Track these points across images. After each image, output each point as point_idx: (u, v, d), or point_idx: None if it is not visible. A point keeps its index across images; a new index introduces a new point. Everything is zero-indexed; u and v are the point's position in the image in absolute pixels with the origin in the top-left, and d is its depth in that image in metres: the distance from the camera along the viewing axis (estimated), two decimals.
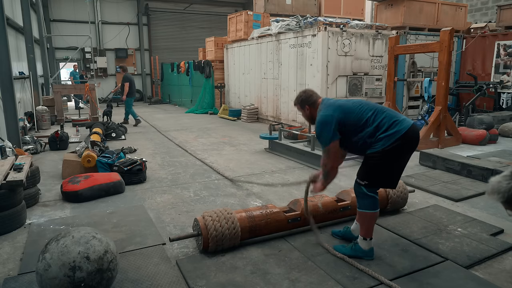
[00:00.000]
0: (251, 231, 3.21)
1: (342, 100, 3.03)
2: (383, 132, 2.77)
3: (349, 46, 8.57)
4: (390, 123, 2.78)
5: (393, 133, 2.75)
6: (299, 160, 6.35)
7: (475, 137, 7.50)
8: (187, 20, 21.33)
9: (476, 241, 3.27)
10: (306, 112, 3.12)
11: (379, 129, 2.78)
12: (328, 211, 3.58)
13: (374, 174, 2.87)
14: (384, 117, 2.80)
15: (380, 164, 2.82)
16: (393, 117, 2.82)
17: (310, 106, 3.06)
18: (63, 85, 14.91)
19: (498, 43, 9.86)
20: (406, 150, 2.86)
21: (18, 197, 3.69)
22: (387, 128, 2.77)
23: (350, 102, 2.97)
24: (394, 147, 2.75)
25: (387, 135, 2.75)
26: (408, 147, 2.85)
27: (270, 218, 3.30)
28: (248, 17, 11.76)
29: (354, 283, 2.66)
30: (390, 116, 2.82)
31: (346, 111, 2.86)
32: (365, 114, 2.83)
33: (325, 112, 2.89)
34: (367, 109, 2.85)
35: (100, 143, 6.24)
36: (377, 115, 2.82)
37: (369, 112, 2.84)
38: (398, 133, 2.74)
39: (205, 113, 13.74)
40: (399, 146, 2.75)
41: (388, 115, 2.83)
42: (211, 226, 3.04)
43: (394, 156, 2.79)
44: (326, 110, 2.91)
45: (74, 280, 2.19)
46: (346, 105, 2.91)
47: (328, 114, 2.86)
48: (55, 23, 18.26)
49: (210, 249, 3.07)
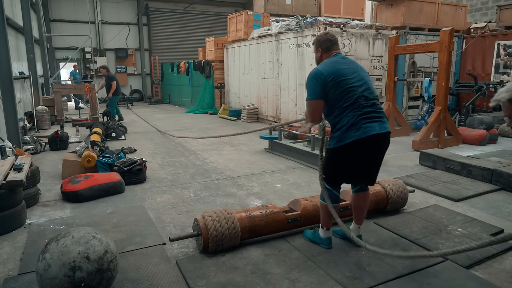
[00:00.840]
0: (251, 231, 3.21)
1: (347, 68, 2.85)
2: (339, 129, 2.76)
3: (349, 46, 8.57)
4: (352, 123, 2.71)
5: (345, 136, 2.72)
6: (299, 160, 6.35)
7: (475, 137, 7.50)
8: (187, 20, 21.33)
9: (476, 241, 3.27)
10: (317, 55, 3.10)
11: (339, 123, 2.77)
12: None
13: (328, 168, 2.96)
14: (354, 115, 2.72)
15: (331, 159, 2.89)
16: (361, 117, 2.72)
17: (323, 52, 3.02)
18: (63, 85, 14.91)
19: (498, 43, 9.86)
20: (363, 154, 2.81)
21: (18, 197, 3.69)
22: (346, 128, 2.72)
23: (351, 75, 2.80)
24: (344, 148, 2.74)
25: (340, 135, 2.74)
26: (365, 151, 2.79)
27: (270, 218, 3.30)
28: (248, 17, 11.76)
29: (354, 283, 2.66)
30: (359, 116, 2.72)
31: (337, 82, 2.76)
32: (343, 101, 2.76)
33: (321, 68, 2.86)
34: (349, 97, 2.75)
35: (100, 143, 6.24)
36: (349, 108, 2.74)
37: (347, 102, 2.74)
38: (349, 138, 2.71)
39: (205, 113, 13.74)
40: (351, 149, 2.74)
41: (359, 113, 2.72)
42: (211, 226, 3.04)
43: (346, 156, 2.81)
44: (324, 66, 2.86)
45: (74, 280, 2.19)
46: (342, 76, 2.78)
47: (320, 73, 2.81)
48: (55, 23, 18.26)
49: (210, 249, 3.07)
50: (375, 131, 2.73)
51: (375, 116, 2.78)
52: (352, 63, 2.97)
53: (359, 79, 2.84)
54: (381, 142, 2.83)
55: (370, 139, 2.73)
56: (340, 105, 2.78)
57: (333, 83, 2.78)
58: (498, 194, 4.66)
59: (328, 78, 2.78)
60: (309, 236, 3.31)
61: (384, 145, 2.89)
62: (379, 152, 2.92)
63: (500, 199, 4.49)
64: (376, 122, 2.77)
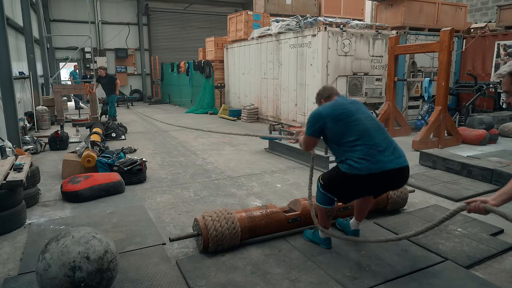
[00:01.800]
0: (251, 231, 3.21)
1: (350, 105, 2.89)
2: (351, 158, 2.67)
3: (349, 46, 8.57)
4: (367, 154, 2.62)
5: (359, 167, 2.62)
6: (299, 160, 6.35)
7: (475, 137, 7.50)
8: (187, 20, 21.32)
9: (476, 241, 3.27)
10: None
11: (350, 153, 2.68)
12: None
13: (331, 182, 2.89)
14: (364, 148, 2.64)
15: (337, 179, 2.82)
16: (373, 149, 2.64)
17: (325, 100, 3.06)
18: (63, 85, 14.93)
19: (498, 43, 9.86)
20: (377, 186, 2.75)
21: (18, 197, 3.69)
22: (360, 159, 2.63)
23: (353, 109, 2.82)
24: (357, 178, 2.66)
25: (352, 165, 2.65)
26: (380, 184, 2.73)
27: (270, 218, 3.30)
28: (248, 17, 11.76)
29: (354, 283, 2.66)
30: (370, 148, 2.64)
31: (339, 118, 2.77)
32: (348, 135, 2.72)
33: (321, 109, 2.90)
34: (355, 131, 2.71)
35: (100, 143, 6.24)
36: (358, 142, 2.67)
37: (353, 136, 2.70)
38: (364, 170, 2.61)
39: (205, 113, 13.74)
40: (365, 181, 2.66)
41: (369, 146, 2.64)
42: (211, 226, 3.04)
43: (354, 184, 2.73)
44: (324, 107, 2.91)
45: (74, 280, 2.19)
46: (345, 112, 2.79)
47: (319, 112, 2.86)
48: (55, 23, 18.25)
49: (210, 249, 3.07)
50: (393, 166, 2.65)
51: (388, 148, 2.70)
52: (355, 102, 2.98)
53: (363, 112, 2.85)
54: (398, 177, 2.74)
55: (387, 173, 2.64)
56: (349, 139, 2.72)
57: (335, 120, 2.77)
58: None
59: (328, 118, 2.79)
60: (309, 236, 3.31)
61: (402, 180, 2.80)
62: (395, 185, 2.86)
63: None
64: (393, 156, 2.68)
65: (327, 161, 5.74)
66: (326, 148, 5.83)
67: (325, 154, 5.81)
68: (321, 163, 5.84)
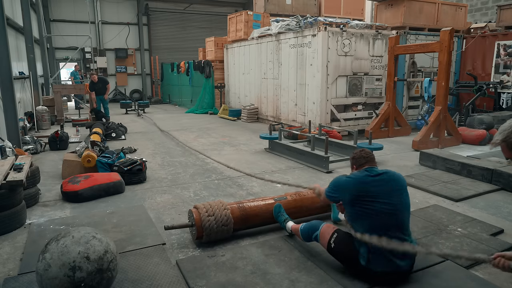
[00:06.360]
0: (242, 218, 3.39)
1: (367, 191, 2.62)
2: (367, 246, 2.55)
3: (349, 46, 8.57)
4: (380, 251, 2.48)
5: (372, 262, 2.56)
6: (299, 160, 6.35)
7: (475, 137, 7.50)
8: (187, 20, 21.32)
9: (476, 241, 3.28)
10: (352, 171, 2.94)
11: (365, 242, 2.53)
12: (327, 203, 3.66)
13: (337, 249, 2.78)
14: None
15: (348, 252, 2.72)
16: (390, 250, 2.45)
17: (357, 168, 2.84)
18: (63, 85, 14.92)
19: (498, 43, 9.86)
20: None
21: (18, 197, 3.70)
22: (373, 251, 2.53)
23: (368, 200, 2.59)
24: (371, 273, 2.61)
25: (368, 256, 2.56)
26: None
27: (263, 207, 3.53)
28: (248, 17, 11.76)
29: (354, 283, 2.65)
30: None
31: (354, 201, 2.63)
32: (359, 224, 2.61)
33: (343, 180, 2.75)
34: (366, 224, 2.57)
35: (100, 143, 6.24)
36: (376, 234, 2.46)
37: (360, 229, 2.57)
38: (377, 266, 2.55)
39: (205, 113, 13.74)
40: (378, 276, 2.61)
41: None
42: (204, 214, 3.25)
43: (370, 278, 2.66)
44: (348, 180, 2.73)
45: (74, 280, 2.19)
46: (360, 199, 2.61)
47: (341, 184, 2.75)
48: (55, 23, 18.25)
49: (205, 239, 3.23)
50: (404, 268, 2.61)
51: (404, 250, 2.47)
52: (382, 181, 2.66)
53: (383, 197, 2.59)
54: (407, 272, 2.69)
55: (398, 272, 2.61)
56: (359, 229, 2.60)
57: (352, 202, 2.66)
58: (498, 194, 4.66)
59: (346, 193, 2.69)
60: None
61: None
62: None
63: (500, 199, 4.49)
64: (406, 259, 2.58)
65: (327, 161, 5.75)
66: (326, 148, 5.84)
67: (325, 154, 5.81)
68: (321, 163, 5.85)
